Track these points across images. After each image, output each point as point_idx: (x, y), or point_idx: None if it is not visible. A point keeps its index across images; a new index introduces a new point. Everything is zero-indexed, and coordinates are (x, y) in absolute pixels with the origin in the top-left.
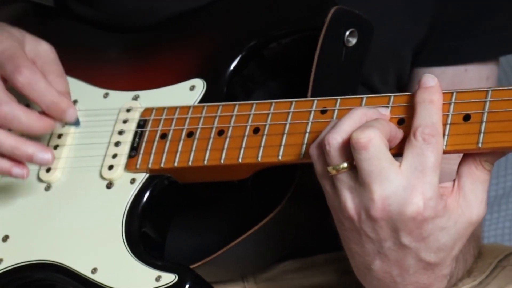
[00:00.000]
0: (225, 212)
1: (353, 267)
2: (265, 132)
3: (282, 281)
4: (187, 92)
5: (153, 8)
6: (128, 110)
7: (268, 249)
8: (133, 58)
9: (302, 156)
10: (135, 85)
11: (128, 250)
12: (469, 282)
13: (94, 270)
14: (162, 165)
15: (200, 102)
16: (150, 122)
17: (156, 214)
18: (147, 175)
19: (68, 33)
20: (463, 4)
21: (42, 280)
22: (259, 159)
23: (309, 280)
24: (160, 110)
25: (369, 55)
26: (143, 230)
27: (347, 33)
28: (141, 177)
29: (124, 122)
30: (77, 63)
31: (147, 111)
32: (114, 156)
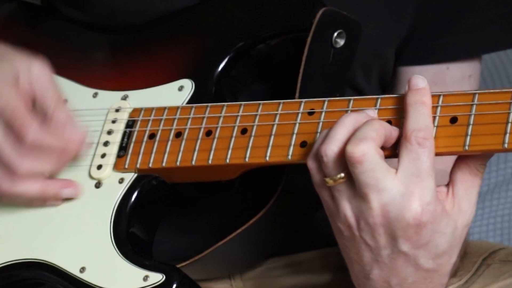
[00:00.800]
0: (213, 212)
1: (352, 276)
2: (253, 133)
3: (268, 278)
4: (176, 92)
5: (142, 9)
6: (117, 110)
7: (256, 249)
8: (122, 58)
9: (289, 157)
10: (124, 85)
11: (116, 250)
12: (455, 282)
13: (82, 269)
14: (151, 165)
15: (189, 103)
16: (139, 123)
17: (144, 214)
18: (136, 175)
19: (58, 33)
20: (445, 2)
21: (31, 279)
22: (247, 159)
23: (296, 277)
24: (149, 110)
25: None
26: (131, 230)
27: (335, 34)
28: (130, 177)
29: (113, 122)
30: (67, 63)
31: (136, 111)
32: (103, 155)
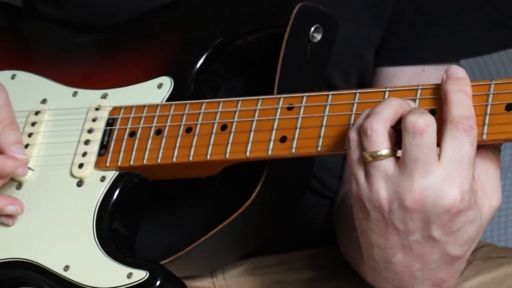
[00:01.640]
0: (195, 208)
1: (366, 261)
2: (233, 129)
3: (250, 276)
4: (155, 90)
5: (120, 7)
6: (97, 109)
7: (237, 245)
8: (101, 57)
9: (269, 152)
10: (104, 84)
11: (99, 248)
12: None
13: (66, 268)
14: (132, 162)
15: (168, 100)
16: (119, 121)
17: (126, 211)
18: (117, 172)
19: (37, 32)
20: (422, 5)
21: (15, 278)
22: (227, 155)
23: (277, 275)
24: (129, 108)
25: (331, 56)
26: (113, 227)
27: (312, 29)
28: (111, 175)
29: (93, 120)
30: (47, 62)
31: (116, 109)
32: (84, 154)
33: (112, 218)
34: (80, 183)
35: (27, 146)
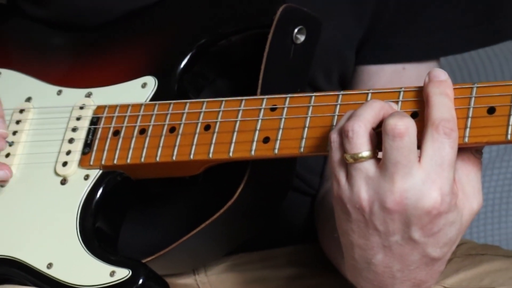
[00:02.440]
0: (178, 207)
1: (347, 261)
2: (216, 130)
3: (232, 272)
4: (139, 89)
5: (105, 7)
6: (81, 108)
7: (220, 243)
8: (85, 56)
9: (252, 152)
10: (88, 83)
11: (82, 246)
12: None
13: (50, 265)
14: (115, 161)
15: (152, 99)
16: (103, 120)
17: (109, 210)
18: (101, 171)
19: (22, 31)
20: (402, 4)
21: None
22: (211, 155)
23: (259, 272)
24: (113, 107)
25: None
26: (97, 226)
27: (296, 30)
28: (95, 174)
29: (78, 119)
30: (31, 60)
31: (100, 108)
32: (68, 152)
33: (96, 216)
34: (64, 181)
35: (11, 144)
